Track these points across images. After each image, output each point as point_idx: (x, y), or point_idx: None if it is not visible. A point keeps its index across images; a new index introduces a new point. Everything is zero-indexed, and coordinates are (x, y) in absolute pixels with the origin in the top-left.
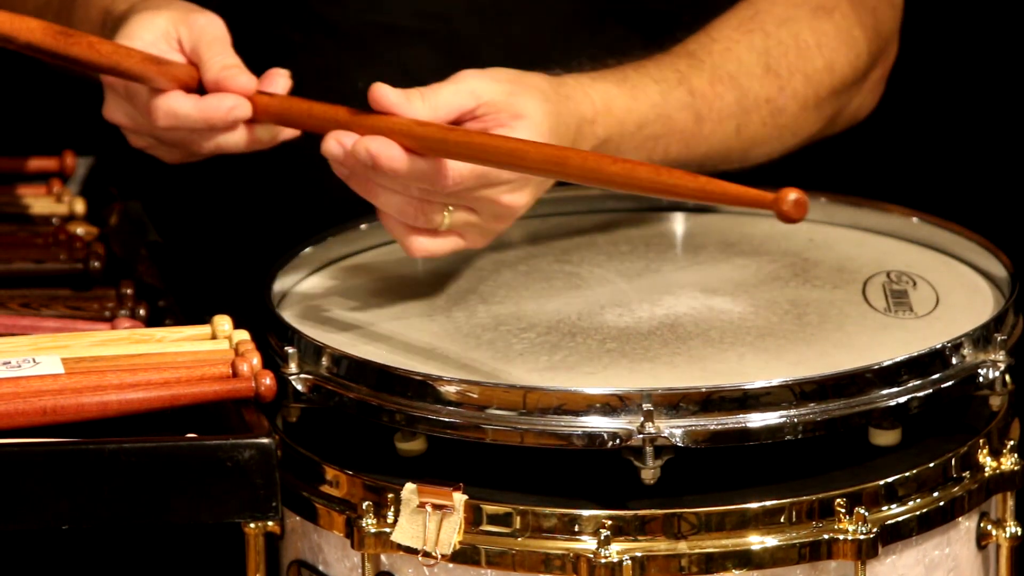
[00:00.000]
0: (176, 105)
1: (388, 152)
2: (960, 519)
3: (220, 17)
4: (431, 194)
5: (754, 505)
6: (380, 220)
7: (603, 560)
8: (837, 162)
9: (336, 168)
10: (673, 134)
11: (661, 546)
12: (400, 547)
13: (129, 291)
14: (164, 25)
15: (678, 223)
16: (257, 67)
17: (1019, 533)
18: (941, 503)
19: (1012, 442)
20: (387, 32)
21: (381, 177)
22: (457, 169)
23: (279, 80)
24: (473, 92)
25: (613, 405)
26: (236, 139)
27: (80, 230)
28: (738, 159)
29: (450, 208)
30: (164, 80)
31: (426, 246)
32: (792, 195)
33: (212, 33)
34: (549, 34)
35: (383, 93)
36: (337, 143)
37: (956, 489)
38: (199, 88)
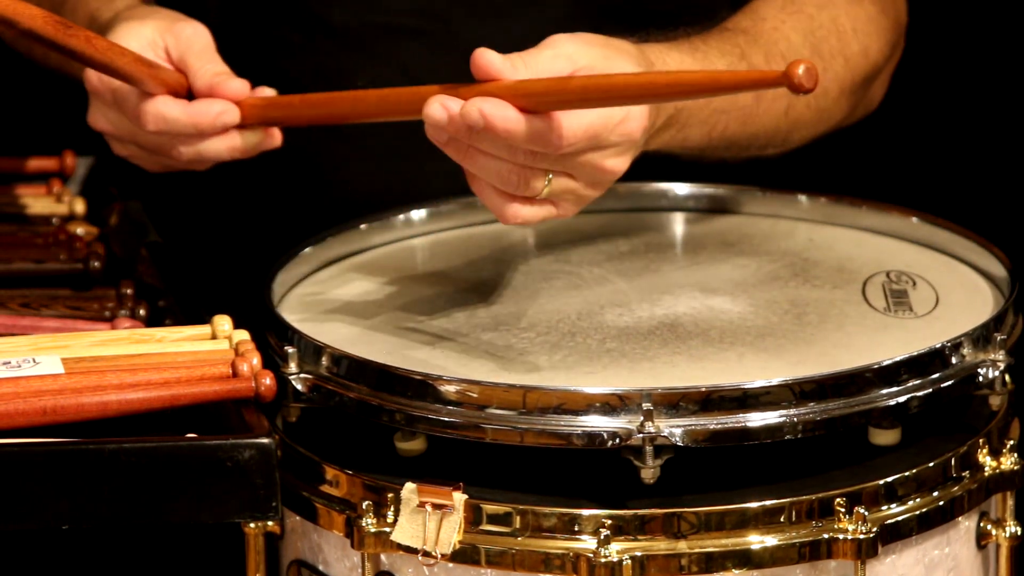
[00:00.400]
0: (165, 109)
1: (503, 113)
2: (960, 519)
3: (218, 19)
4: (537, 159)
5: (754, 505)
6: (472, 187)
7: (603, 560)
8: (837, 162)
9: (433, 133)
10: (735, 110)
11: (661, 545)
12: (400, 547)
13: (129, 291)
14: (150, 35)
15: (678, 223)
16: (257, 67)
17: (1019, 533)
18: (941, 503)
19: (1012, 442)
20: (386, 32)
21: (486, 142)
22: (571, 129)
23: (266, 93)
24: (570, 57)
25: (613, 405)
26: (217, 146)
27: (80, 230)
28: (781, 141)
29: (551, 175)
30: (153, 84)
31: (522, 213)
32: (800, 66)
33: (199, 43)
34: (548, 34)
35: (490, 59)
36: (442, 107)
37: (956, 489)
38: (187, 96)
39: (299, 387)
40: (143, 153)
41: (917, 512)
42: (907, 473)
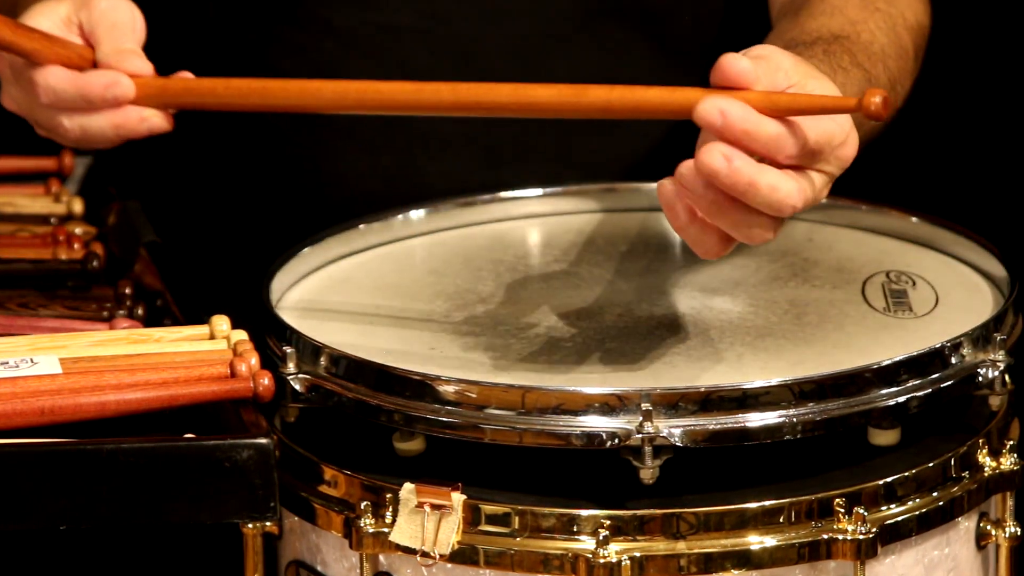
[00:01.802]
0: (53, 79)
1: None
2: (959, 519)
3: (218, 18)
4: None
5: (753, 505)
6: (694, 233)
7: (602, 560)
8: None
9: (696, 184)
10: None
11: (660, 546)
12: (398, 547)
13: (127, 291)
14: (64, 11)
15: None
16: (256, 66)
17: (1018, 533)
18: (940, 503)
19: (1011, 442)
20: (385, 31)
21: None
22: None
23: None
24: (787, 72)
25: (612, 405)
26: (101, 123)
27: (78, 230)
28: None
29: None
30: (49, 57)
31: (727, 248)
32: (877, 96)
33: (112, 18)
34: (548, 34)
35: (741, 67)
36: (723, 157)
37: (955, 489)
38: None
39: (297, 387)
40: (53, 135)
41: (917, 512)
42: (907, 473)
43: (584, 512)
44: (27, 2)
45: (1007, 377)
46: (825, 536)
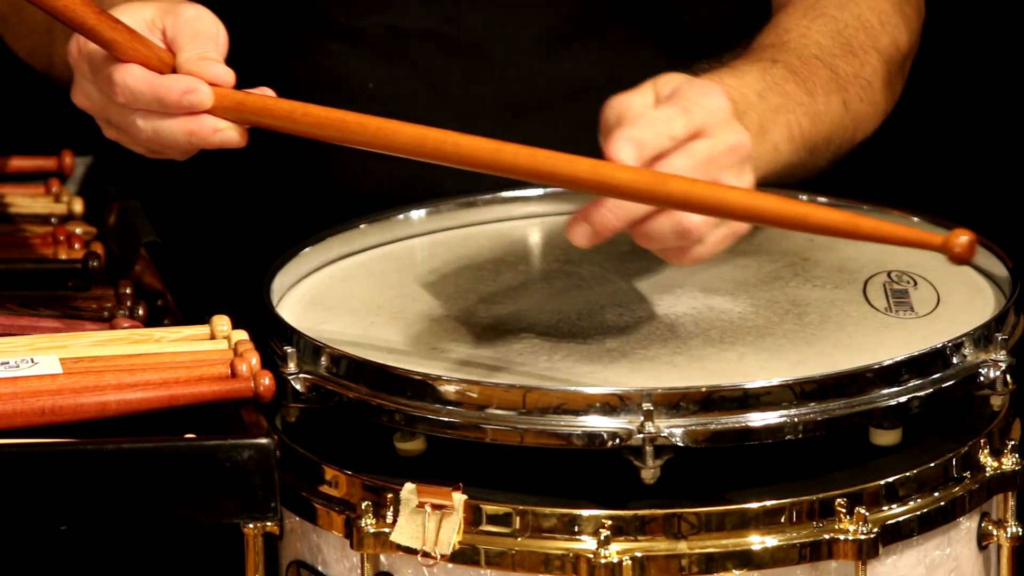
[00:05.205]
0: (131, 78)
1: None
2: (961, 519)
3: (222, 20)
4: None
5: (754, 505)
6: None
7: (603, 560)
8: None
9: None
10: (794, 106)
11: (661, 546)
12: (399, 547)
13: (128, 291)
14: (150, 15)
15: None
16: (262, 69)
17: (1020, 533)
18: (942, 503)
19: (1013, 442)
20: (394, 33)
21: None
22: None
23: (265, 93)
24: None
25: (613, 405)
26: (174, 128)
27: (79, 230)
28: (849, 140)
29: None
30: (133, 55)
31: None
32: (963, 237)
33: (196, 27)
34: (555, 34)
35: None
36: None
37: (957, 489)
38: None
39: (298, 387)
40: (123, 136)
41: (918, 512)
42: (908, 473)
43: (585, 512)
44: (112, 2)
45: (1008, 377)
46: (826, 536)
